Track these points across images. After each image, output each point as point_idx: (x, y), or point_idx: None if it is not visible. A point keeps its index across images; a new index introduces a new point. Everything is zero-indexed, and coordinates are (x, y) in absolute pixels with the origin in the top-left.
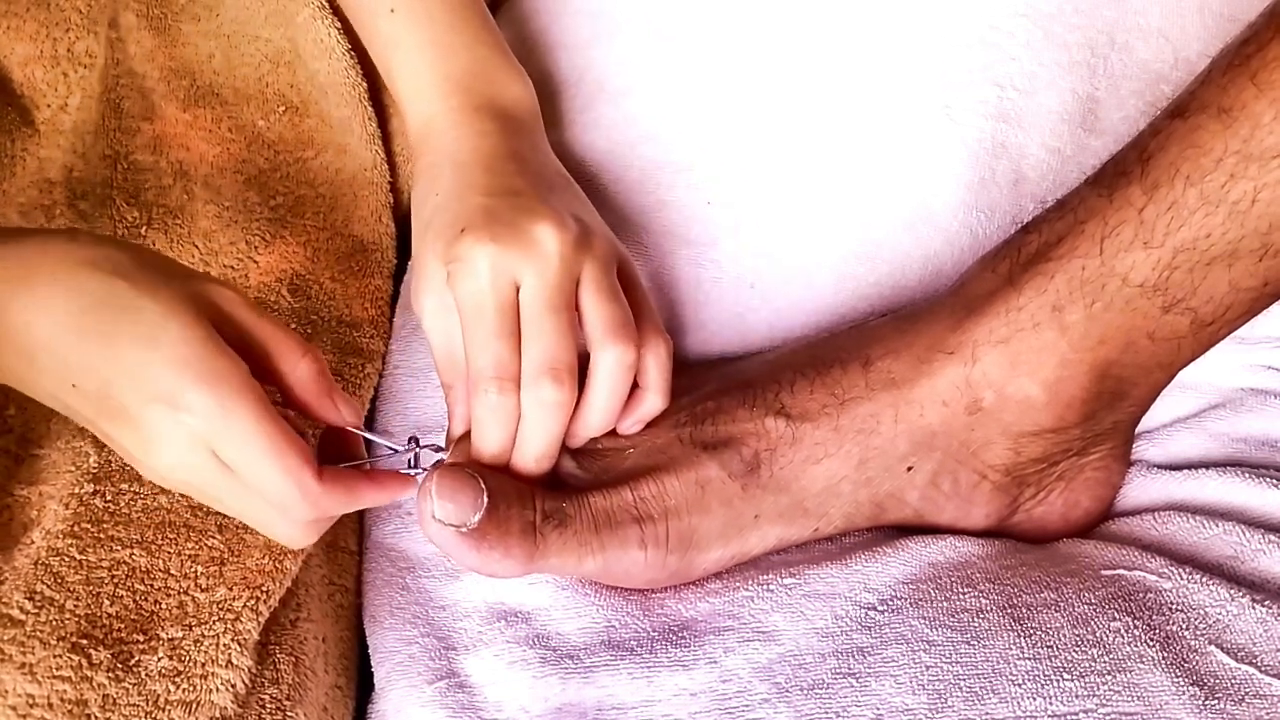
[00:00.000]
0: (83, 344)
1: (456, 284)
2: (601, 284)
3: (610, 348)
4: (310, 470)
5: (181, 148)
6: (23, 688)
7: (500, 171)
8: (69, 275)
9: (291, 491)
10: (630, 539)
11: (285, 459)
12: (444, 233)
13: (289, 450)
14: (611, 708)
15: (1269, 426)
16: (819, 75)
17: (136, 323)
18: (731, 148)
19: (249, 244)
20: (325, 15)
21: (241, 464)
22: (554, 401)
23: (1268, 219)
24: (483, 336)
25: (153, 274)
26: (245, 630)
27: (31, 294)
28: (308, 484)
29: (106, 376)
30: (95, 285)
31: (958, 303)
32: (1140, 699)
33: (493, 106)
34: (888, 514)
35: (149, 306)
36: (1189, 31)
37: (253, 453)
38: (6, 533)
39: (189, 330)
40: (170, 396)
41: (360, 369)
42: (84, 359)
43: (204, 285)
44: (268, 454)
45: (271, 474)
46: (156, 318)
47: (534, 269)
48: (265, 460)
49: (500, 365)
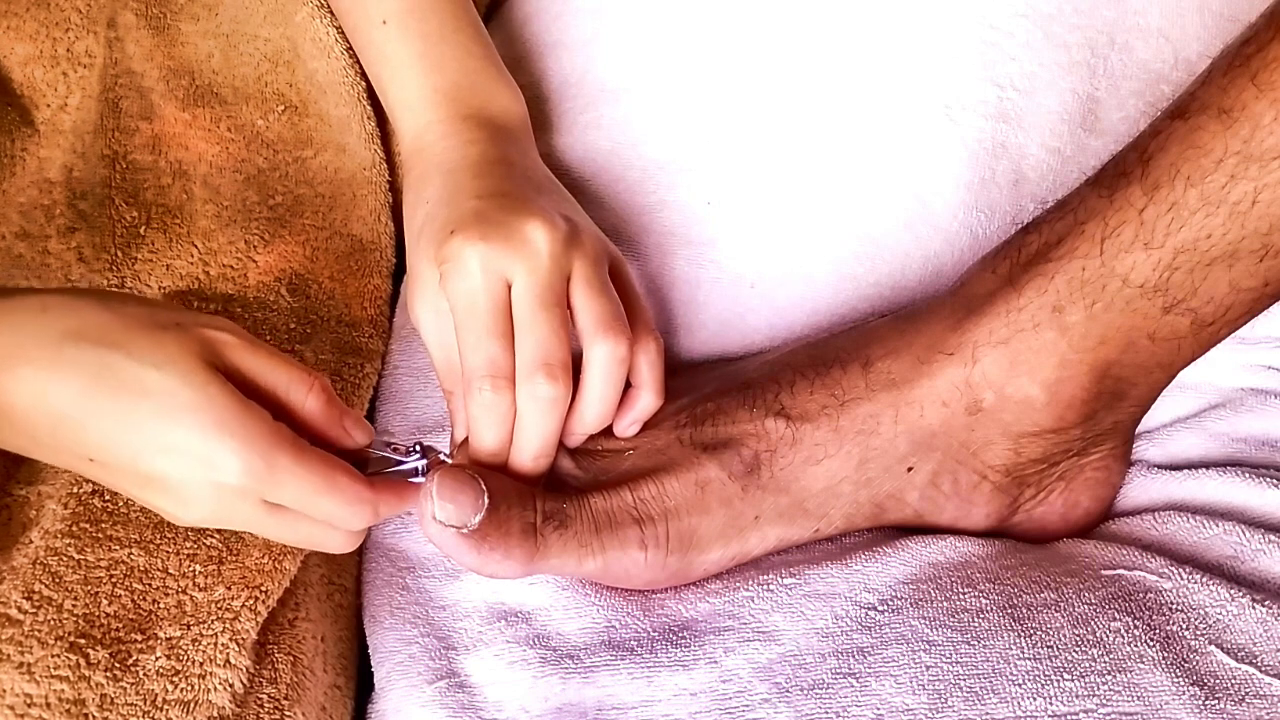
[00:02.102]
0: (95, 422)
1: (448, 284)
2: (592, 280)
3: (602, 342)
4: (364, 486)
5: (180, 147)
6: (21, 687)
7: (488, 175)
8: (54, 356)
9: (353, 513)
10: (630, 540)
11: (339, 490)
12: (434, 236)
13: (339, 478)
14: (611, 708)
15: (1269, 426)
16: (819, 75)
17: (146, 394)
18: (732, 148)
19: (248, 243)
20: (323, 14)
21: (296, 504)
22: (549, 397)
23: (1268, 220)
24: (475, 335)
25: (142, 334)
26: (243, 630)
27: (19, 381)
28: (365, 499)
29: (129, 451)
30: (87, 361)
31: (958, 303)
32: (1140, 699)
33: (481, 116)
34: (888, 514)
35: (153, 376)
36: (1189, 31)
37: (306, 493)
38: (5, 532)
39: (204, 391)
40: (205, 462)
41: (359, 369)
42: (99, 436)
43: (199, 333)
44: (320, 490)
45: (329, 505)
46: (167, 386)
47: (525, 267)
48: (320, 497)
49: (494, 363)
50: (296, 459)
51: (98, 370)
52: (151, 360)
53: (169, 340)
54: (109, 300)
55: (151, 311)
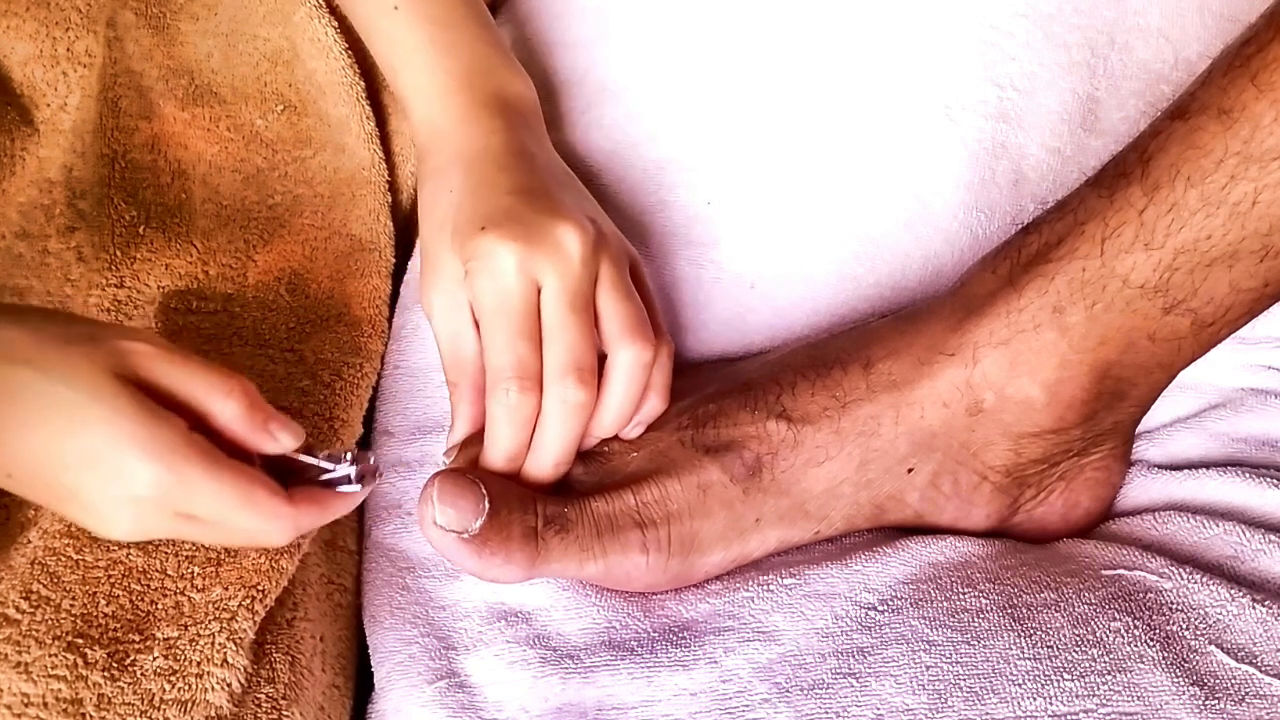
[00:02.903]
0: (7, 439)
1: (476, 282)
2: (618, 284)
3: (629, 347)
4: (281, 500)
5: (180, 146)
6: (18, 687)
7: (514, 169)
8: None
9: (268, 526)
10: (632, 543)
11: (255, 504)
12: (462, 229)
13: (255, 491)
14: (612, 708)
15: (1269, 426)
16: (820, 75)
17: (56, 410)
18: (732, 148)
19: (247, 243)
20: (322, 14)
21: (212, 516)
22: (578, 402)
23: (1268, 220)
24: (505, 336)
25: (51, 349)
26: (241, 629)
27: None
28: (283, 514)
29: (44, 466)
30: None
31: (958, 303)
32: (1140, 699)
33: (497, 102)
34: (888, 515)
35: (60, 391)
36: (1189, 31)
37: (220, 506)
38: (3, 532)
39: (112, 404)
40: (119, 477)
41: (359, 369)
42: (13, 453)
43: (112, 344)
44: (235, 503)
45: (244, 517)
46: (75, 400)
47: (557, 270)
48: (235, 509)
49: (521, 365)
50: (208, 471)
51: (8, 386)
52: (59, 375)
53: (77, 354)
54: (25, 317)
55: (66, 327)
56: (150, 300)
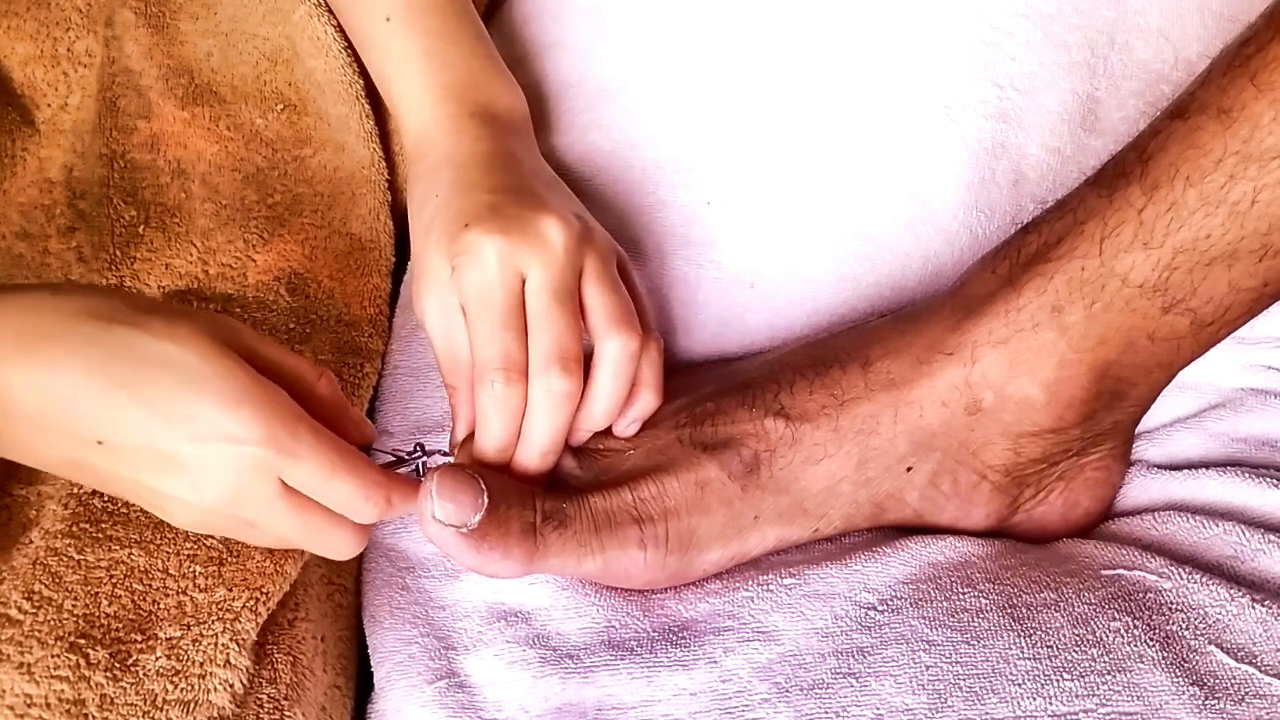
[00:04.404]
0: (111, 397)
1: (462, 277)
2: (604, 276)
3: (615, 337)
4: (379, 473)
5: (179, 146)
6: (20, 687)
7: (499, 171)
8: (70, 331)
9: (367, 498)
10: (630, 540)
11: (357, 472)
12: (448, 229)
13: (357, 460)
14: (611, 708)
15: (1269, 426)
16: (819, 75)
17: (166, 368)
18: (732, 148)
19: (247, 242)
20: (321, 12)
21: (312, 483)
22: (563, 391)
23: (1267, 220)
24: (489, 328)
25: (158, 316)
26: (243, 630)
27: (33, 358)
28: (380, 486)
29: (147, 426)
30: (104, 336)
31: (957, 303)
32: (1140, 699)
33: (486, 112)
34: (887, 514)
35: (172, 350)
36: (1189, 31)
37: (324, 469)
38: (5, 532)
39: (223, 364)
40: (228, 433)
41: (359, 369)
42: (115, 412)
43: (213, 316)
44: (339, 469)
45: (345, 487)
46: (187, 360)
47: (540, 261)
48: (338, 476)
49: (507, 356)
50: (315, 433)
51: (115, 346)
52: (169, 336)
53: (184, 321)
54: (120, 291)
55: (159, 303)
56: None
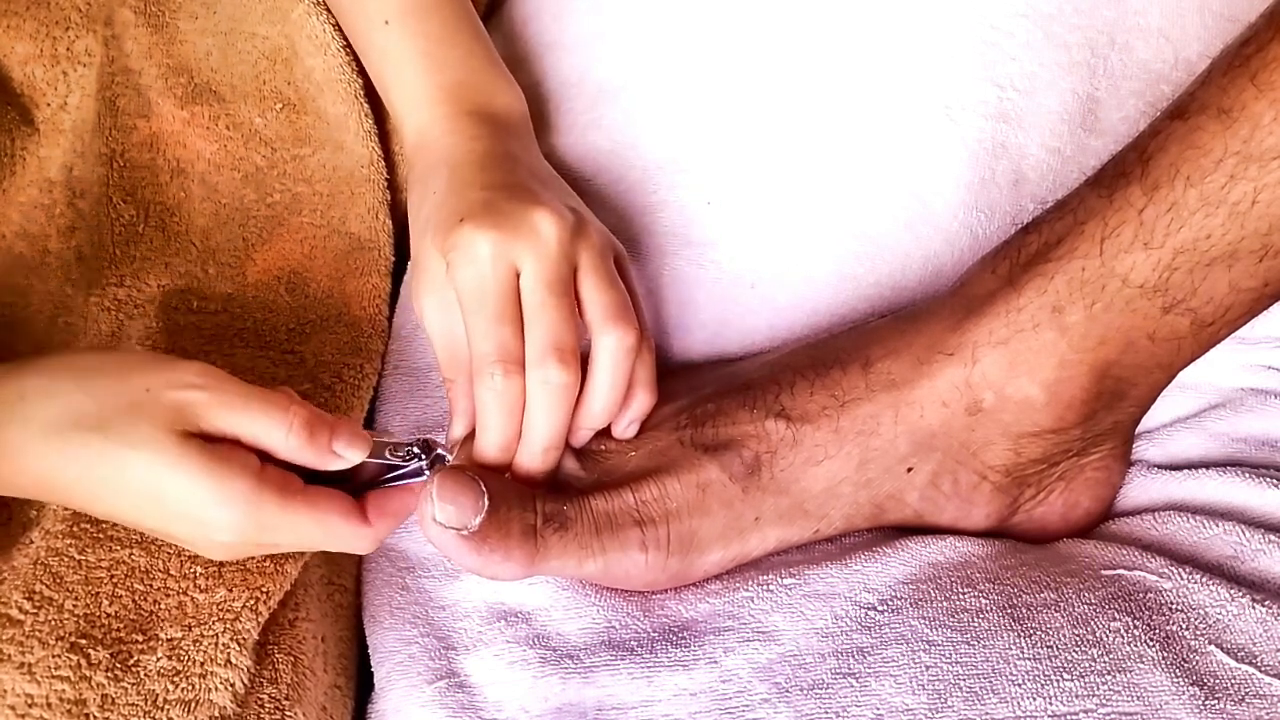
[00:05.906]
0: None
1: (456, 272)
2: (599, 270)
3: (611, 331)
4: (358, 519)
5: (178, 145)
6: (21, 687)
7: (495, 169)
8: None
9: (348, 544)
10: (631, 541)
11: (332, 530)
12: (442, 225)
13: (331, 520)
14: (611, 708)
15: (1269, 426)
16: (819, 75)
17: (132, 473)
18: (732, 148)
19: (246, 241)
20: (320, 11)
21: (295, 545)
22: (560, 383)
23: (1268, 220)
24: (485, 322)
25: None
26: (244, 630)
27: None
28: (361, 534)
29: (134, 519)
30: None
31: (957, 303)
32: (1140, 699)
33: (484, 113)
34: (888, 515)
35: (133, 456)
36: (1189, 31)
37: (300, 538)
38: (5, 533)
39: (181, 465)
40: (203, 526)
41: (359, 369)
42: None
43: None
44: (313, 535)
45: (325, 541)
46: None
47: (534, 254)
48: (315, 537)
49: (504, 348)
50: (283, 509)
51: (83, 456)
52: (128, 441)
53: (141, 417)
54: (81, 377)
55: (122, 380)
56: (150, 299)
